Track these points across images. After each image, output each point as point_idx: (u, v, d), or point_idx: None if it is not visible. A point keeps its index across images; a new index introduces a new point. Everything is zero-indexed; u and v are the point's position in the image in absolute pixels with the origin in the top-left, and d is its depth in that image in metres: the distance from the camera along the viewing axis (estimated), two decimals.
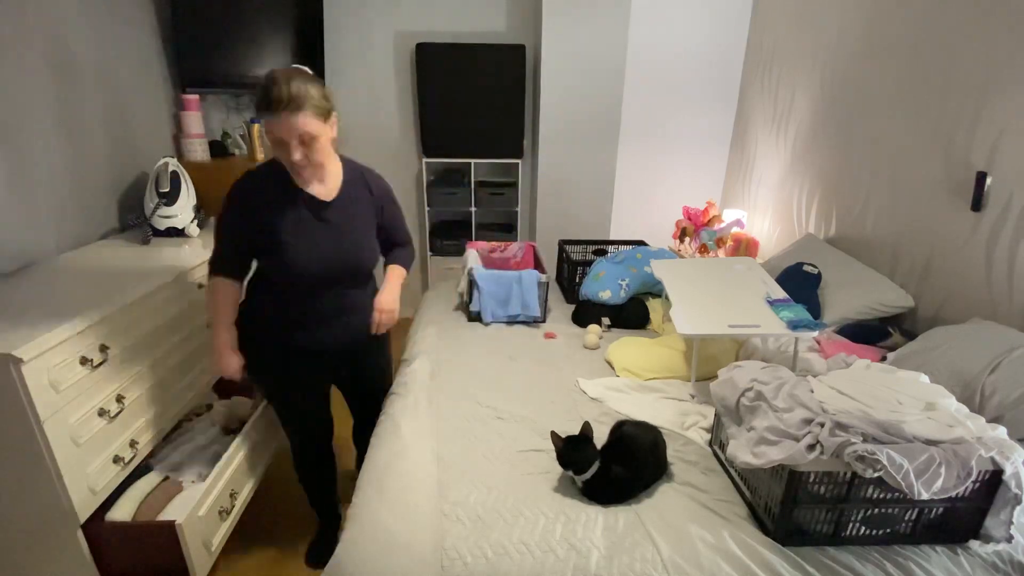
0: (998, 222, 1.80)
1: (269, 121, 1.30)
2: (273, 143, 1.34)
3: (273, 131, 1.31)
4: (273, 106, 1.28)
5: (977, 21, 1.86)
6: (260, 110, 1.31)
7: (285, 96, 1.27)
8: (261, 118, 1.33)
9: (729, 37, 3.35)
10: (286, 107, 1.28)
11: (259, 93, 1.30)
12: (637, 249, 2.49)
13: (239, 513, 1.79)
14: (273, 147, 1.36)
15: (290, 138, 1.31)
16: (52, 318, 1.33)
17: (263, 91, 1.29)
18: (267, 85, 1.29)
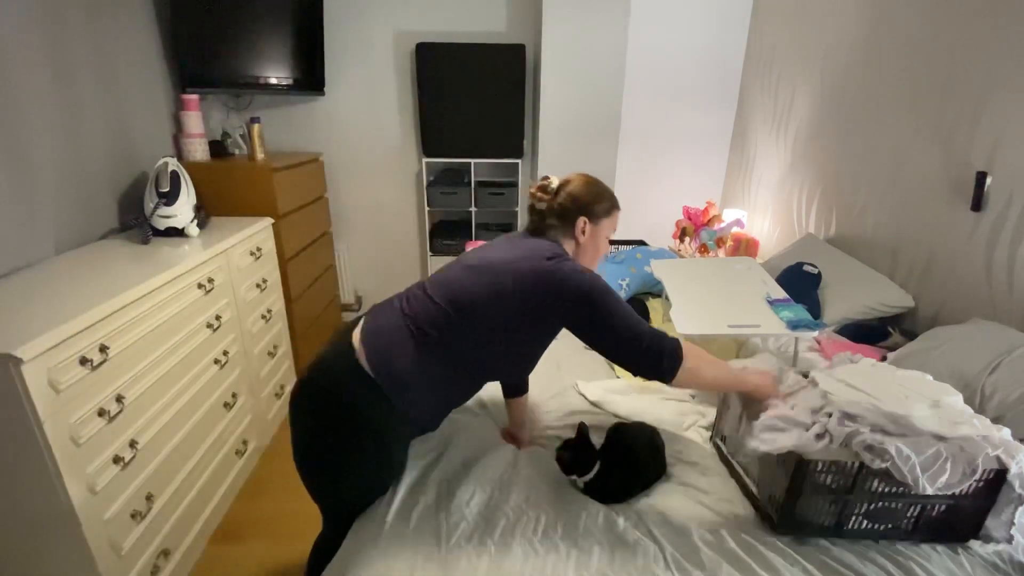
0: (998, 222, 1.80)
1: (617, 218, 1.43)
2: (602, 240, 1.42)
3: (610, 229, 1.43)
4: (618, 205, 1.42)
5: (977, 21, 1.86)
6: (612, 210, 1.41)
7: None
8: (611, 215, 1.41)
9: (729, 37, 3.35)
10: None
11: (603, 192, 1.40)
12: (637, 249, 2.49)
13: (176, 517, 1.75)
14: (602, 243, 1.43)
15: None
16: (52, 318, 1.33)
17: (610, 192, 1.41)
18: (605, 188, 1.41)
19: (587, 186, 1.40)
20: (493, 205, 3.34)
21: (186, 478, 1.80)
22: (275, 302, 2.51)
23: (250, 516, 2.05)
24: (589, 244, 1.41)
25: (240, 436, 2.16)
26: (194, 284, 1.86)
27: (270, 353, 2.45)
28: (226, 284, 2.08)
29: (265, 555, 1.88)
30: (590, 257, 1.44)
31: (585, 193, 1.39)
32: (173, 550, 1.72)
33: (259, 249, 2.34)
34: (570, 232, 1.39)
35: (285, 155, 2.94)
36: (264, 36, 2.84)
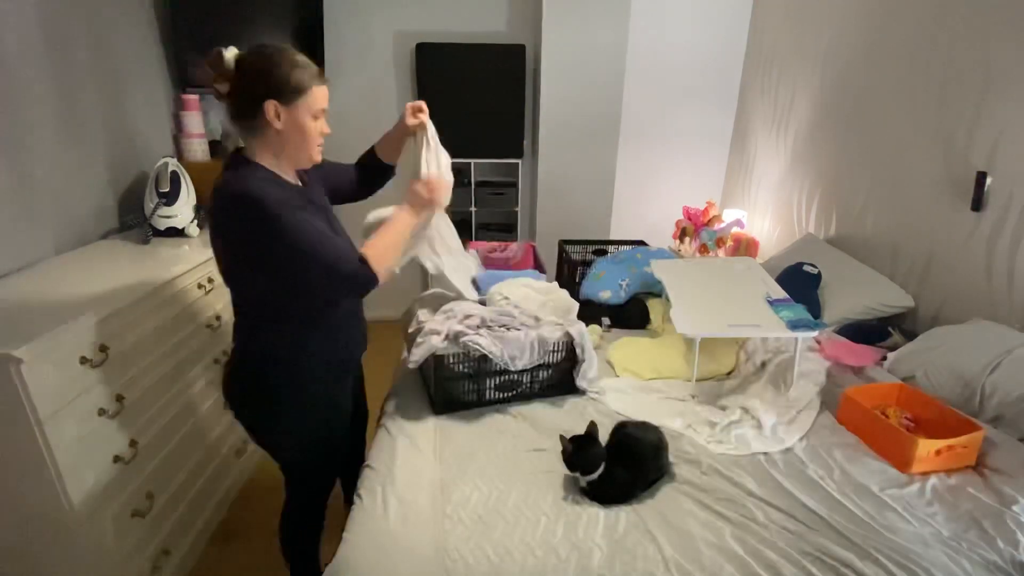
0: (998, 222, 1.80)
1: (320, 91, 1.21)
2: (311, 117, 1.22)
3: (322, 102, 1.23)
4: (320, 75, 1.21)
5: (977, 21, 1.86)
6: (307, 82, 1.19)
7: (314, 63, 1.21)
8: (306, 90, 1.19)
9: (729, 37, 3.35)
10: (324, 74, 1.23)
11: (293, 64, 1.18)
12: (637, 249, 2.49)
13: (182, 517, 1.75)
14: (307, 126, 1.22)
15: (326, 108, 1.25)
16: (52, 318, 1.33)
17: (300, 60, 1.19)
18: (296, 55, 1.19)
19: (259, 58, 1.17)
20: (493, 205, 3.34)
21: (186, 478, 1.80)
22: None
23: (250, 516, 2.05)
24: (291, 130, 1.21)
25: (240, 436, 2.16)
26: (194, 284, 1.86)
27: None
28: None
29: (265, 555, 1.88)
30: (295, 147, 1.24)
31: (258, 66, 1.17)
32: (173, 550, 1.72)
33: None
34: (259, 123, 1.20)
35: None
36: (264, 36, 2.84)
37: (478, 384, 1.61)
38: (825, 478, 1.36)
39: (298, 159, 1.29)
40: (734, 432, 1.51)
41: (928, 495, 1.31)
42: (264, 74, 1.17)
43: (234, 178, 1.21)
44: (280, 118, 1.19)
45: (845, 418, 1.59)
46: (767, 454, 1.45)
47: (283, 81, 1.17)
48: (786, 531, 1.19)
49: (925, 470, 1.38)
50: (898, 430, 1.42)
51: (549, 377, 1.69)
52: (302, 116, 1.21)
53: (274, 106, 1.18)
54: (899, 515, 1.23)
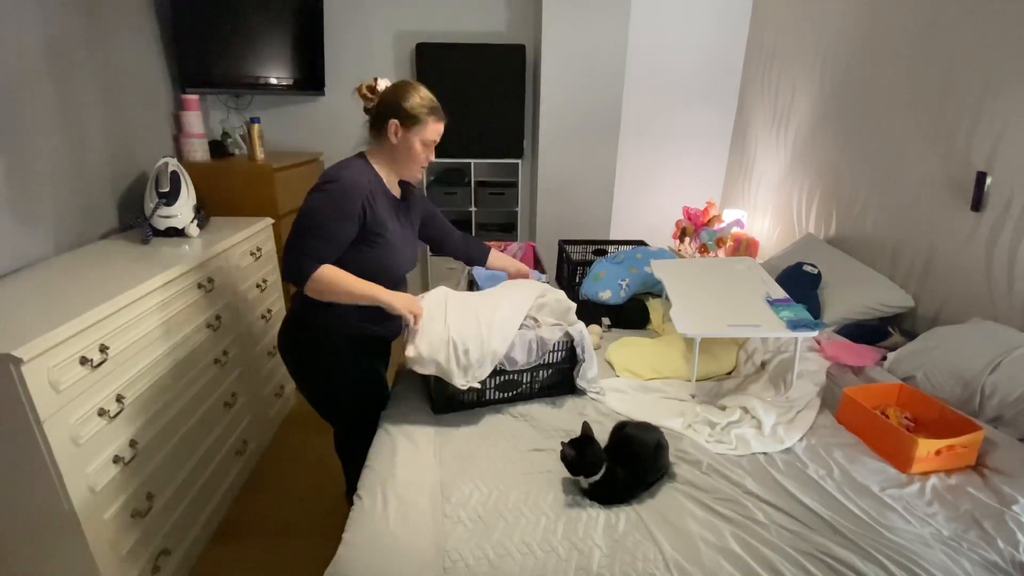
0: (998, 222, 1.80)
1: (435, 125, 1.53)
2: (419, 145, 1.53)
3: (434, 134, 1.54)
4: (440, 114, 1.53)
5: (977, 21, 1.86)
6: (428, 115, 1.50)
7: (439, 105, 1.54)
8: (426, 120, 1.51)
9: (729, 37, 3.35)
10: (443, 114, 1.55)
11: (421, 99, 1.50)
12: (637, 249, 2.49)
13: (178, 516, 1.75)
14: (415, 149, 1.53)
15: (438, 141, 1.56)
16: (52, 318, 1.32)
17: (429, 97, 1.52)
18: (428, 95, 1.52)
19: (397, 88, 1.52)
20: (493, 205, 3.34)
21: (186, 478, 1.80)
22: (275, 302, 2.51)
23: (250, 516, 2.05)
24: (402, 147, 1.53)
25: (240, 436, 2.16)
26: (194, 284, 1.86)
27: (270, 353, 2.45)
28: (226, 284, 2.08)
29: (265, 555, 1.88)
30: (402, 161, 1.57)
31: (393, 94, 1.51)
32: (173, 550, 1.72)
33: (259, 249, 2.34)
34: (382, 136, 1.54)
35: (285, 155, 2.94)
36: (264, 36, 2.84)
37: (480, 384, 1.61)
38: (825, 478, 1.36)
39: (402, 172, 1.60)
40: (734, 432, 1.51)
41: (928, 495, 1.31)
42: (397, 100, 1.51)
43: (345, 162, 1.55)
44: (397, 136, 1.52)
45: (845, 418, 1.59)
46: (767, 454, 1.45)
47: (406, 108, 1.50)
48: (786, 531, 1.19)
49: (925, 470, 1.38)
50: (898, 430, 1.42)
51: (549, 377, 1.69)
52: (413, 139, 1.52)
53: (395, 125, 1.51)
54: (899, 515, 1.23)
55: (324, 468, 2.28)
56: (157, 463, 1.65)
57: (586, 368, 1.69)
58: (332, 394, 1.68)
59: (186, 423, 1.81)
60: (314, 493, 2.16)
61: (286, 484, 2.21)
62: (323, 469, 2.27)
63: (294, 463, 2.33)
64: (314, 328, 1.57)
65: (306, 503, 2.11)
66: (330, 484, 2.19)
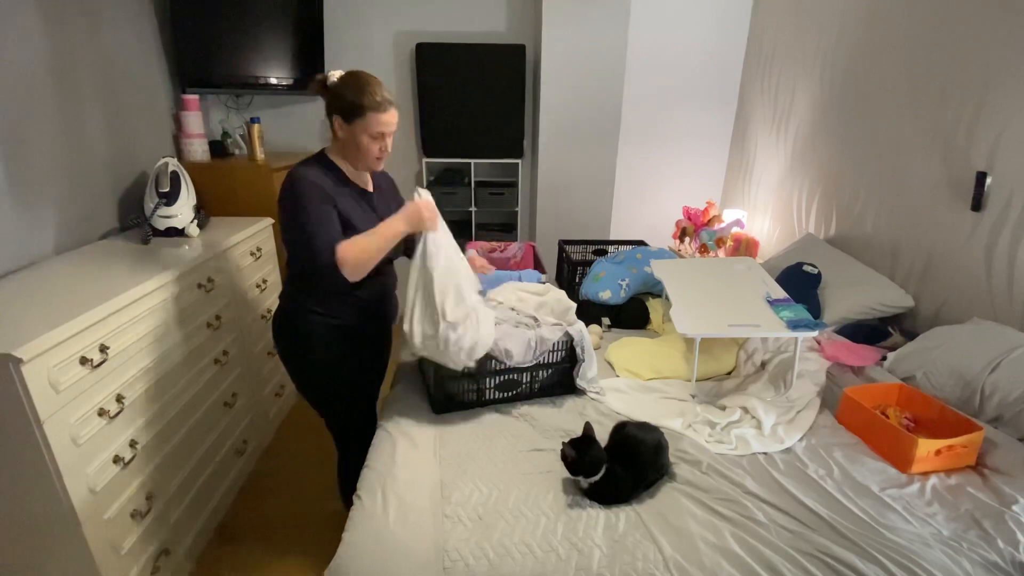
0: (998, 222, 1.80)
1: (375, 116, 1.47)
2: (368, 137, 1.49)
3: (377, 126, 1.48)
4: (383, 104, 1.47)
5: (977, 21, 1.86)
6: (366, 108, 1.45)
7: (388, 96, 1.48)
8: (365, 113, 1.46)
9: (729, 37, 3.35)
10: (391, 104, 1.49)
11: (360, 91, 1.45)
12: (637, 249, 2.49)
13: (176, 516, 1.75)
14: (362, 142, 1.49)
15: (389, 132, 1.51)
16: (52, 318, 1.32)
17: (369, 89, 1.45)
18: (369, 85, 1.46)
19: (341, 81, 1.48)
20: (493, 205, 3.34)
21: (186, 478, 1.80)
22: (275, 302, 2.50)
23: (250, 516, 2.05)
24: (349, 142, 1.51)
25: (240, 436, 2.16)
26: (194, 284, 1.86)
27: (270, 353, 2.45)
28: (226, 284, 2.08)
29: (265, 555, 1.88)
30: (353, 155, 1.54)
31: (336, 88, 1.48)
32: (173, 550, 1.72)
33: (259, 249, 2.34)
34: (333, 129, 1.52)
35: (285, 155, 2.94)
36: (264, 36, 2.84)
37: (478, 384, 1.62)
38: (825, 478, 1.36)
39: (357, 165, 1.58)
40: (734, 432, 1.51)
41: (928, 495, 1.31)
42: (337, 94, 1.47)
43: (302, 161, 1.53)
44: (342, 131, 1.50)
45: (845, 418, 1.59)
46: (767, 454, 1.45)
47: (347, 103, 1.46)
48: (786, 531, 1.19)
49: (925, 470, 1.38)
50: (898, 430, 1.42)
51: (549, 377, 1.69)
52: (357, 133, 1.49)
53: (338, 120, 1.49)
54: (899, 515, 1.23)
55: (324, 468, 2.27)
56: (157, 463, 1.65)
57: (586, 368, 1.69)
58: (320, 388, 1.68)
59: (186, 423, 1.81)
60: (314, 493, 2.16)
61: (286, 484, 2.21)
62: (323, 469, 2.27)
63: (294, 463, 2.33)
64: (302, 322, 1.58)
65: (306, 503, 2.11)
66: (330, 484, 2.18)
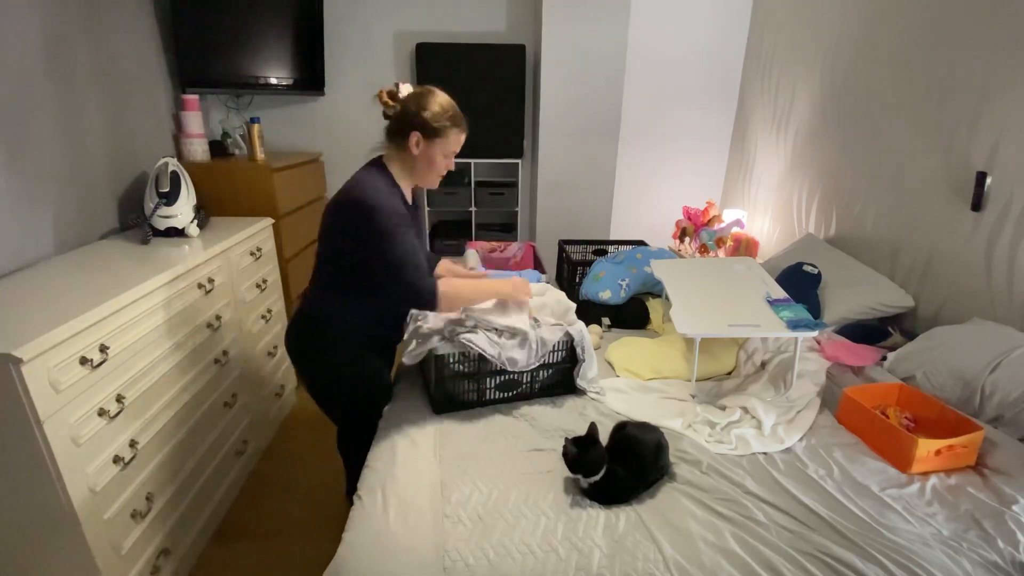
0: (998, 222, 1.80)
1: (458, 136, 1.51)
2: (441, 155, 1.51)
3: (456, 146, 1.53)
4: (463, 124, 1.52)
5: (977, 22, 1.86)
6: (451, 126, 1.48)
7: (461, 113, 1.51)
8: (448, 132, 1.49)
9: (729, 37, 3.35)
10: (465, 123, 1.53)
11: (444, 109, 1.47)
12: (637, 249, 2.49)
13: (178, 516, 1.75)
14: (436, 160, 1.52)
15: (458, 151, 1.55)
16: (52, 318, 1.32)
17: (452, 107, 1.49)
18: (450, 102, 1.49)
19: (419, 98, 1.48)
20: (493, 205, 3.34)
21: (186, 478, 1.80)
22: (275, 302, 2.51)
23: (250, 516, 2.05)
24: (422, 159, 1.51)
25: (240, 436, 2.16)
26: (194, 284, 1.86)
27: (270, 353, 2.45)
28: (226, 284, 2.08)
29: (265, 555, 1.88)
30: (422, 172, 1.55)
31: (415, 103, 1.47)
32: (173, 550, 1.72)
33: (259, 249, 2.34)
34: (403, 145, 1.51)
35: (285, 155, 2.94)
36: (264, 36, 2.84)
37: (478, 384, 1.62)
38: (825, 478, 1.36)
39: (421, 181, 1.59)
40: (734, 432, 1.51)
41: (928, 495, 1.31)
42: (420, 110, 1.47)
43: (365, 180, 1.48)
44: (419, 147, 1.50)
45: (845, 418, 1.59)
46: (767, 454, 1.45)
47: (429, 121, 1.47)
48: (786, 531, 1.19)
49: (925, 470, 1.38)
50: (898, 430, 1.42)
51: (549, 377, 1.69)
52: (435, 152, 1.51)
53: (417, 137, 1.48)
54: (899, 515, 1.23)
55: (324, 468, 2.28)
56: (157, 463, 1.65)
57: (586, 368, 1.69)
58: (340, 393, 1.69)
59: (186, 423, 1.81)
60: (314, 493, 2.16)
61: (286, 484, 2.21)
62: (323, 469, 2.27)
63: (294, 463, 2.33)
64: (326, 328, 1.58)
65: (306, 503, 2.11)
66: (330, 484, 2.19)
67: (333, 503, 2.08)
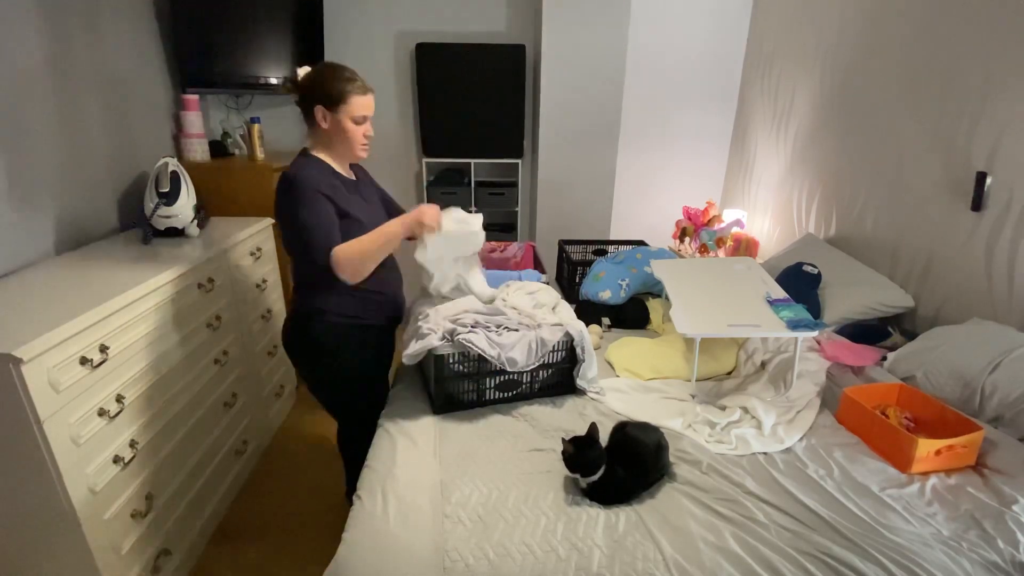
0: (998, 222, 1.80)
1: (359, 99, 1.52)
2: (352, 122, 1.53)
3: (360, 110, 1.53)
4: (362, 87, 1.52)
5: (977, 21, 1.86)
6: (348, 92, 1.50)
7: (365, 80, 1.54)
8: (346, 99, 1.50)
9: (729, 37, 3.35)
10: (369, 88, 1.55)
11: (339, 78, 1.49)
12: (637, 249, 2.49)
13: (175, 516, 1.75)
14: (348, 128, 1.53)
15: (370, 115, 1.56)
16: (52, 318, 1.33)
17: (347, 75, 1.51)
18: (346, 71, 1.52)
19: (314, 72, 1.52)
20: (493, 205, 3.34)
21: (186, 478, 1.80)
22: (275, 302, 2.51)
23: (250, 516, 2.05)
24: (334, 130, 1.53)
25: (240, 436, 2.16)
26: (194, 284, 1.86)
27: (270, 353, 2.45)
28: (226, 284, 2.08)
29: (265, 555, 1.88)
30: (339, 145, 1.56)
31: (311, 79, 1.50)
32: (173, 550, 1.72)
33: (259, 249, 2.34)
34: (315, 124, 1.53)
35: (285, 155, 2.94)
36: (264, 36, 2.84)
37: (478, 384, 1.62)
38: (825, 478, 1.36)
39: (345, 154, 1.60)
40: (734, 432, 1.51)
41: (928, 495, 1.31)
42: (316, 85, 1.50)
43: (291, 164, 1.53)
44: (327, 120, 1.52)
45: (845, 418, 1.59)
46: (767, 454, 1.45)
47: (326, 89, 1.49)
48: (786, 531, 1.19)
49: (925, 470, 1.38)
50: (898, 430, 1.42)
51: (549, 377, 1.69)
52: (342, 119, 1.52)
53: (321, 110, 1.51)
54: (899, 515, 1.23)
55: (324, 468, 2.28)
56: (157, 463, 1.65)
57: (586, 368, 1.69)
58: (339, 390, 1.71)
59: (186, 423, 1.81)
60: (314, 493, 2.16)
61: (286, 484, 2.21)
62: (323, 469, 2.27)
63: (294, 463, 2.33)
64: (317, 326, 1.60)
65: (306, 503, 2.11)
66: (330, 484, 2.19)
67: (333, 503, 2.08)
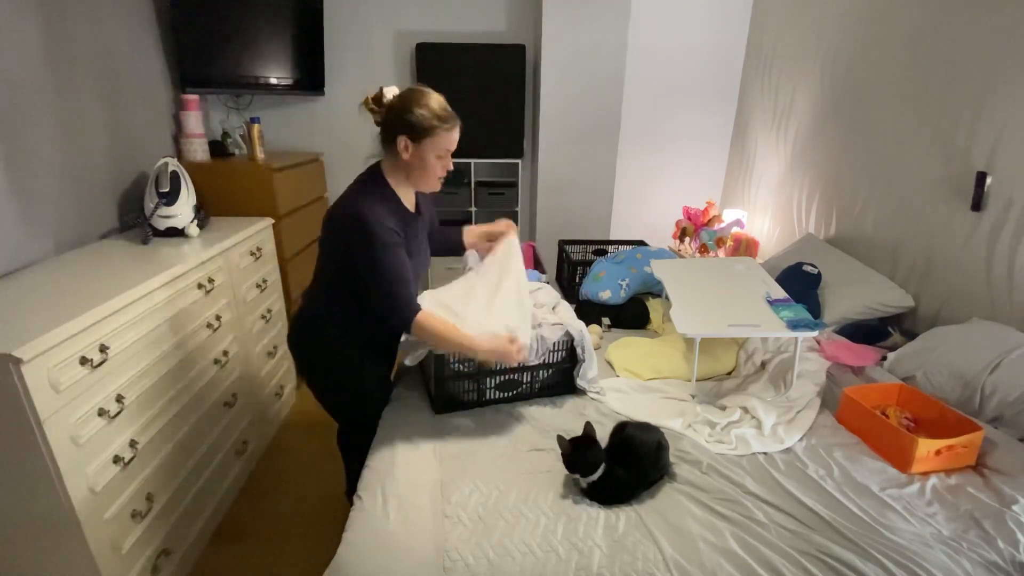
0: (998, 222, 1.80)
1: (446, 137, 1.44)
2: (435, 155, 1.45)
3: (446, 143, 1.45)
4: (451, 121, 1.44)
5: (977, 21, 1.86)
6: (437, 127, 1.41)
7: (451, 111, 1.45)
8: (436, 132, 1.42)
9: (729, 37, 3.35)
10: (457, 120, 1.47)
11: (429, 109, 1.41)
12: (637, 249, 2.49)
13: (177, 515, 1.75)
14: (429, 162, 1.45)
15: (453, 149, 1.48)
16: (52, 318, 1.32)
17: (439, 106, 1.42)
18: (437, 101, 1.43)
19: (404, 99, 1.43)
20: (493, 205, 3.34)
21: (186, 478, 1.80)
22: (275, 302, 2.51)
23: (250, 516, 2.05)
24: (415, 162, 1.45)
25: (240, 436, 2.16)
26: (194, 284, 1.86)
27: (270, 353, 2.45)
28: (226, 284, 2.08)
29: (265, 555, 1.88)
30: (417, 176, 1.49)
31: (400, 105, 1.42)
32: (173, 550, 1.72)
33: (259, 249, 2.34)
34: (393, 150, 1.45)
35: (285, 155, 2.94)
36: (264, 36, 2.84)
37: (478, 384, 1.62)
38: (825, 478, 1.36)
39: (419, 184, 1.53)
40: (734, 432, 1.51)
41: (928, 495, 1.31)
42: (403, 112, 1.42)
43: (360, 192, 1.47)
44: (408, 151, 1.44)
45: (845, 418, 1.59)
46: (767, 454, 1.45)
47: (414, 122, 1.41)
48: (786, 531, 1.19)
49: (925, 470, 1.38)
50: (898, 430, 1.42)
51: (549, 377, 1.69)
52: (426, 153, 1.44)
53: (404, 140, 1.43)
54: (899, 515, 1.24)
55: (324, 468, 2.28)
56: (157, 463, 1.65)
57: (586, 368, 1.69)
58: (342, 394, 1.68)
59: (186, 423, 1.81)
60: (314, 493, 2.16)
61: (286, 484, 2.21)
62: (323, 469, 2.27)
63: (294, 463, 2.33)
64: (325, 331, 1.57)
65: (306, 503, 2.11)
66: (330, 484, 2.19)
67: (333, 503, 2.08)
